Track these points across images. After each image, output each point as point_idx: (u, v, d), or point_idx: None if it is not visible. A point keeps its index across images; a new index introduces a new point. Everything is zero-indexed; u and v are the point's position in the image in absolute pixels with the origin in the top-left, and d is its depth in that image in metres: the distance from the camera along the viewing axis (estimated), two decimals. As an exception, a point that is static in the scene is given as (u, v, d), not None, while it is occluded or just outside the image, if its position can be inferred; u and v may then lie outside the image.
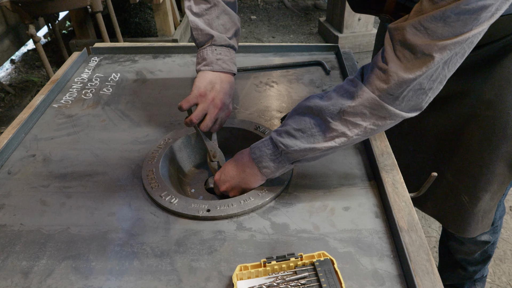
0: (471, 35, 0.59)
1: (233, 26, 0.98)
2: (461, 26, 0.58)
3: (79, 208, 0.82)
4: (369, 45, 3.64)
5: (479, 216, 1.09)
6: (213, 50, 0.95)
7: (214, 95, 0.92)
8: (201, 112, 0.91)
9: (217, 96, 0.93)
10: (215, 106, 0.92)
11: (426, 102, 0.69)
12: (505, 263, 1.78)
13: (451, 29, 0.59)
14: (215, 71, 0.95)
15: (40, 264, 0.71)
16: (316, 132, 0.73)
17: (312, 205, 0.82)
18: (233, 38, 0.99)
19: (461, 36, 0.59)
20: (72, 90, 1.23)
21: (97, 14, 2.71)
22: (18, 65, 3.53)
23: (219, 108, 0.93)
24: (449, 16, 0.58)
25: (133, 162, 0.94)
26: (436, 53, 0.60)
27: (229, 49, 0.97)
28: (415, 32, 0.61)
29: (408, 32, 0.62)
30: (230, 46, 0.98)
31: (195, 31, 0.96)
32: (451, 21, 0.58)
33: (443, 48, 0.60)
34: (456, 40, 0.59)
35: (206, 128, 0.92)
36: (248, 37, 4.02)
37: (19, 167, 0.93)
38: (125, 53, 1.45)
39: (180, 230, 0.77)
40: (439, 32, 0.59)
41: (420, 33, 0.61)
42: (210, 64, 0.94)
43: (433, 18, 0.59)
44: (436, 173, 0.81)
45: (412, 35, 0.61)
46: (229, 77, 0.97)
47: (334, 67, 1.33)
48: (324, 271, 0.65)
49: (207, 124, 0.92)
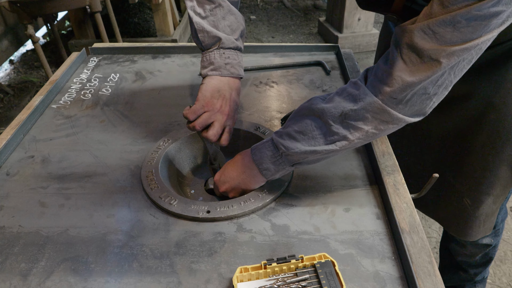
0: (480, 42, 0.58)
1: (239, 26, 0.94)
2: (470, 32, 0.57)
3: (78, 210, 0.82)
4: (369, 45, 3.64)
5: (481, 220, 1.09)
6: (221, 54, 0.91)
7: (222, 103, 0.89)
8: (206, 121, 0.86)
9: (226, 104, 0.89)
10: (223, 114, 0.88)
11: (430, 107, 0.68)
12: (505, 264, 1.78)
13: (460, 34, 0.57)
14: (223, 76, 0.91)
15: (39, 266, 0.70)
16: (317, 135, 0.72)
17: (312, 206, 0.82)
18: (239, 39, 0.95)
19: (470, 42, 0.58)
20: (71, 90, 1.23)
21: (96, 14, 2.70)
22: (17, 66, 3.53)
23: (227, 115, 0.89)
24: (459, 21, 0.56)
25: (132, 163, 0.93)
26: (444, 58, 0.59)
27: (236, 52, 0.94)
28: (423, 36, 0.60)
29: (416, 35, 0.60)
30: (238, 49, 0.94)
31: (200, 33, 0.90)
32: (461, 27, 0.57)
33: (451, 54, 0.59)
34: (465, 46, 0.58)
35: (216, 137, 0.87)
36: (248, 37, 4.02)
37: (17, 168, 0.93)
38: (124, 53, 1.44)
39: (180, 232, 0.77)
40: (448, 37, 0.58)
41: (428, 37, 0.59)
42: (219, 69, 0.90)
43: (442, 23, 0.57)
44: (438, 175, 0.80)
45: (420, 39, 0.60)
46: (237, 83, 0.93)
47: (335, 67, 1.33)
48: (325, 273, 0.64)
49: (217, 132, 0.87)
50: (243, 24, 0.96)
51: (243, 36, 0.97)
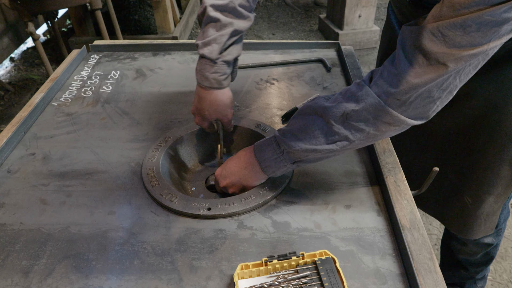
0: (489, 48, 0.57)
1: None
2: (480, 37, 0.56)
3: (79, 207, 0.82)
4: (370, 42, 3.63)
5: (482, 219, 1.08)
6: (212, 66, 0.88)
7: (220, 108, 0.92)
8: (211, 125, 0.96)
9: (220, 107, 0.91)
10: (224, 114, 0.93)
11: (434, 111, 0.67)
12: (506, 260, 1.78)
13: (470, 39, 0.56)
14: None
15: (40, 263, 0.71)
16: (318, 134, 0.72)
17: (313, 203, 0.82)
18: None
19: (479, 48, 0.57)
20: (71, 88, 1.22)
21: (96, 11, 2.69)
22: (17, 63, 3.52)
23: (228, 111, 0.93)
24: (469, 26, 0.55)
25: (133, 160, 0.93)
26: (451, 63, 0.58)
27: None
28: (432, 38, 0.59)
29: (425, 37, 0.59)
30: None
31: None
32: (471, 31, 0.55)
33: (459, 59, 0.58)
34: (474, 52, 0.57)
35: (232, 127, 0.97)
36: (248, 34, 4.01)
37: (18, 166, 0.93)
38: (125, 50, 1.44)
39: (181, 229, 0.77)
40: (457, 40, 0.57)
41: (437, 40, 0.58)
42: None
43: (453, 26, 0.56)
44: (438, 168, 0.80)
45: (428, 41, 0.59)
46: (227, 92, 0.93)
47: (335, 64, 1.32)
48: (326, 270, 0.64)
49: (230, 124, 0.96)
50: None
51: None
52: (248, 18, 0.87)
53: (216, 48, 0.83)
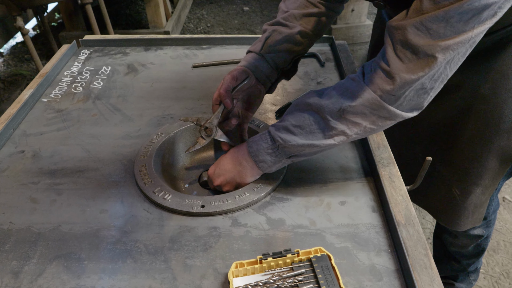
0: (473, 35, 0.59)
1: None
2: (463, 25, 0.58)
3: (70, 206, 0.80)
4: (363, 36, 3.62)
5: (469, 210, 1.09)
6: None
7: None
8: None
9: None
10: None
11: (427, 101, 0.69)
12: (498, 253, 1.80)
13: (453, 29, 0.58)
14: None
15: (30, 263, 0.69)
16: (315, 130, 0.72)
17: (308, 199, 0.81)
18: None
19: (463, 35, 0.58)
20: (61, 83, 1.20)
21: (87, 5, 2.66)
22: (6, 58, 3.47)
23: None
24: (452, 17, 0.57)
25: (125, 158, 0.92)
26: (439, 53, 0.60)
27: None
28: (416, 33, 0.60)
29: (410, 32, 0.60)
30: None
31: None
32: (454, 21, 0.57)
33: (446, 49, 0.59)
34: (459, 39, 0.59)
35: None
36: (241, 29, 3.99)
37: (7, 164, 0.91)
38: (116, 45, 1.42)
39: (174, 227, 0.76)
40: (442, 32, 0.58)
41: (422, 33, 0.60)
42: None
43: (435, 19, 0.58)
44: (431, 158, 0.81)
45: (413, 35, 0.60)
46: None
47: (329, 59, 1.32)
48: (321, 267, 0.64)
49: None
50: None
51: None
52: None
53: None
